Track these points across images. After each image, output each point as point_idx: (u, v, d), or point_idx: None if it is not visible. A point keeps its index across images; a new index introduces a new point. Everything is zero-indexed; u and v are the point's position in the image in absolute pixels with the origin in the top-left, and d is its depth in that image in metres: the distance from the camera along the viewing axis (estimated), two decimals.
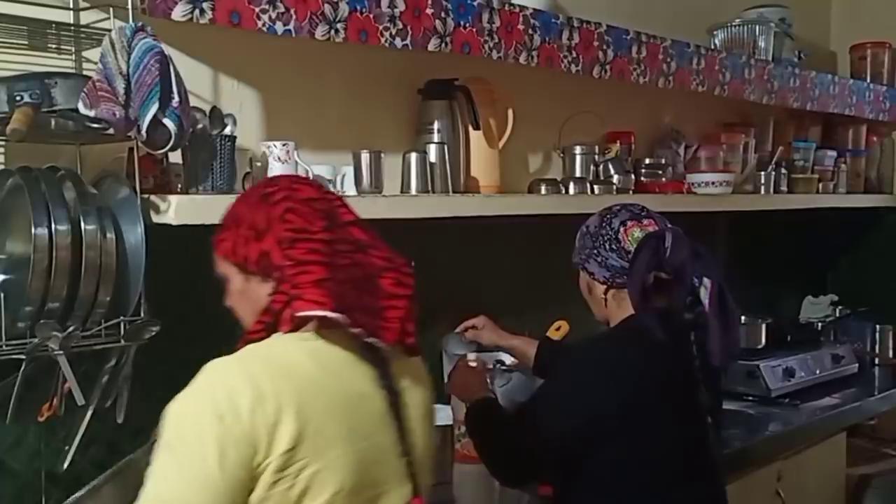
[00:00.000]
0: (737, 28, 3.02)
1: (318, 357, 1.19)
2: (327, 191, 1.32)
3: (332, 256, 1.20)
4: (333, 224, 1.24)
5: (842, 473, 2.87)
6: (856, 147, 3.56)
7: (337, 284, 1.18)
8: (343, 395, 1.19)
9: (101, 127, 1.44)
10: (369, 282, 1.23)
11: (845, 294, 3.59)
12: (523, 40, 2.14)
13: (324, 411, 1.15)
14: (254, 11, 1.65)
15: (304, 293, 1.17)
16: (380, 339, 1.21)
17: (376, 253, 1.26)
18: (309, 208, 1.23)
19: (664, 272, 1.63)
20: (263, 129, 1.97)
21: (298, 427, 1.11)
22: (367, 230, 1.28)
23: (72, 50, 1.68)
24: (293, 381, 1.14)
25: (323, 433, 1.14)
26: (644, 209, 1.74)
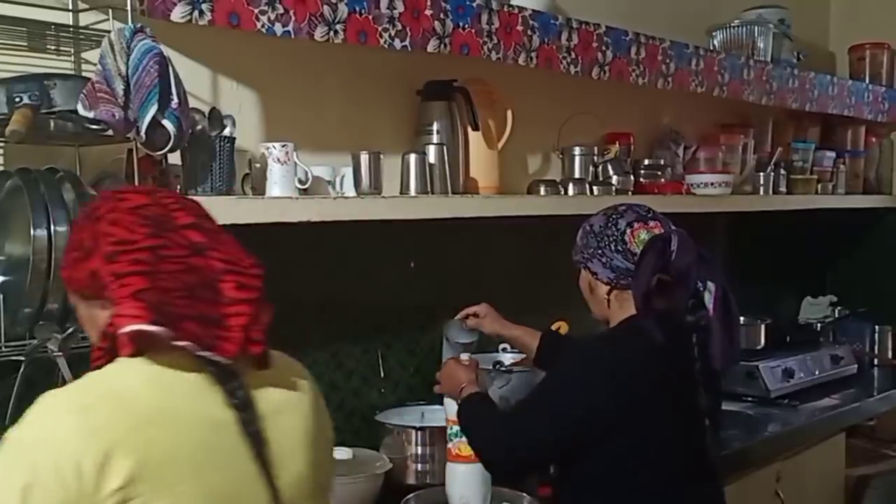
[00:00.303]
0: (736, 29, 3.02)
1: (161, 382, 1.08)
2: (163, 194, 1.20)
3: (157, 264, 1.09)
4: (162, 229, 1.12)
5: (841, 474, 2.86)
6: (855, 148, 3.57)
7: (159, 294, 1.07)
8: (192, 421, 1.07)
9: (100, 128, 1.44)
10: (207, 288, 1.11)
11: (844, 295, 3.59)
12: (522, 41, 2.14)
13: (168, 442, 1.04)
14: (253, 13, 1.65)
15: (121, 308, 1.07)
16: (217, 351, 1.07)
17: (216, 255, 1.13)
18: (134, 216, 1.13)
19: (668, 275, 1.62)
20: (263, 131, 1.97)
21: (134, 462, 1.01)
22: (209, 232, 1.15)
23: (71, 51, 1.68)
24: (129, 411, 1.04)
25: (167, 466, 1.03)
26: (650, 211, 1.73)
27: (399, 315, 2.32)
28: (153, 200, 1.16)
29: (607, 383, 1.59)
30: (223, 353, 1.08)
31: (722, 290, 1.62)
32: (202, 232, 1.14)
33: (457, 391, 1.82)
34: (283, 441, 1.15)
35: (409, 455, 2.03)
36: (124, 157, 1.64)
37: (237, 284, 1.12)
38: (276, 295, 2.16)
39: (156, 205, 1.15)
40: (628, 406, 1.59)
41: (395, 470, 1.99)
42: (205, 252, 1.12)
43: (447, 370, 1.91)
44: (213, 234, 1.16)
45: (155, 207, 1.14)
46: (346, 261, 2.18)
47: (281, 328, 2.15)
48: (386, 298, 2.29)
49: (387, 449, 2.05)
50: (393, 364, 2.32)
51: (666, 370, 1.63)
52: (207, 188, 1.65)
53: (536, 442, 1.64)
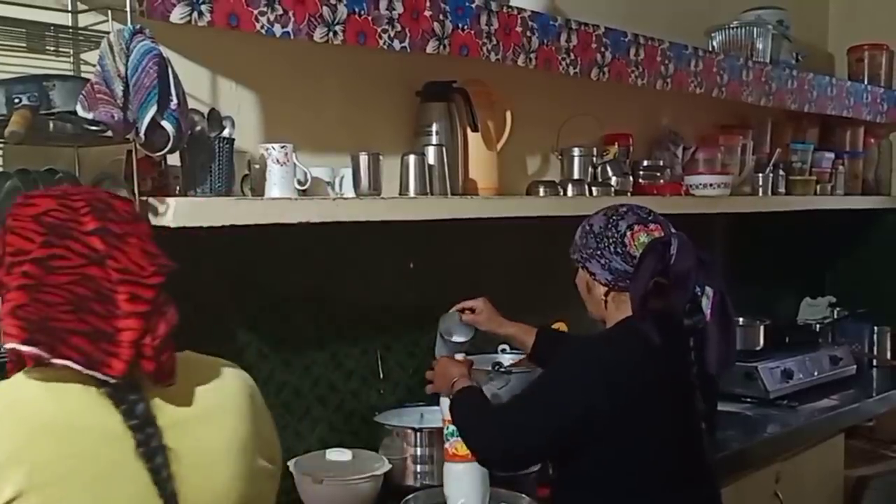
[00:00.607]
0: (735, 30, 3.02)
1: (56, 394, 1.05)
2: (79, 196, 1.14)
3: (46, 276, 1.06)
4: (61, 236, 1.08)
5: (840, 475, 2.87)
6: (853, 149, 3.57)
7: (42, 309, 1.04)
8: (87, 434, 1.04)
9: (99, 129, 1.44)
10: (102, 299, 1.06)
11: (843, 295, 3.59)
12: (521, 42, 2.14)
13: (61, 454, 1.02)
14: (252, 13, 1.65)
15: (3, 324, 1.05)
16: (103, 368, 1.04)
17: (114, 264, 1.08)
18: (34, 224, 1.10)
19: (666, 278, 1.62)
20: (262, 132, 1.97)
21: (25, 474, 0.99)
22: (114, 237, 1.11)
23: (70, 52, 1.68)
24: (22, 423, 1.03)
25: (60, 479, 1.01)
26: (651, 213, 1.72)
27: (398, 316, 2.32)
28: (61, 204, 1.12)
29: (604, 384, 1.60)
30: (110, 372, 1.04)
31: (720, 296, 1.62)
32: (105, 238, 1.10)
33: (449, 386, 1.82)
34: (199, 453, 1.11)
35: (408, 456, 2.03)
36: (123, 158, 1.64)
37: (130, 296, 1.07)
38: (276, 296, 2.17)
39: (63, 209, 1.11)
40: (624, 407, 1.59)
41: (395, 471, 1.99)
42: (103, 261, 1.08)
43: (439, 368, 1.92)
44: (119, 238, 1.11)
45: (60, 212, 1.11)
46: (345, 262, 2.18)
47: (280, 328, 2.17)
48: (385, 299, 2.29)
49: (386, 450, 2.05)
50: (392, 365, 2.32)
51: (662, 372, 1.63)
52: (207, 189, 1.65)
53: (531, 439, 1.64)
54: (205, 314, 1.80)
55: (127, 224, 1.14)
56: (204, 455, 1.13)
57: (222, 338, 1.96)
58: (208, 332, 1.80)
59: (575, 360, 1.68)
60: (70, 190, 1.18)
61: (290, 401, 2.09)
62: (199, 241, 1.62)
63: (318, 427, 2.15)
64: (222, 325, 1.97)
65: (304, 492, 1.89)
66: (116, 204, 1.17)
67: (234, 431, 1.17)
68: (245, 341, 2.01)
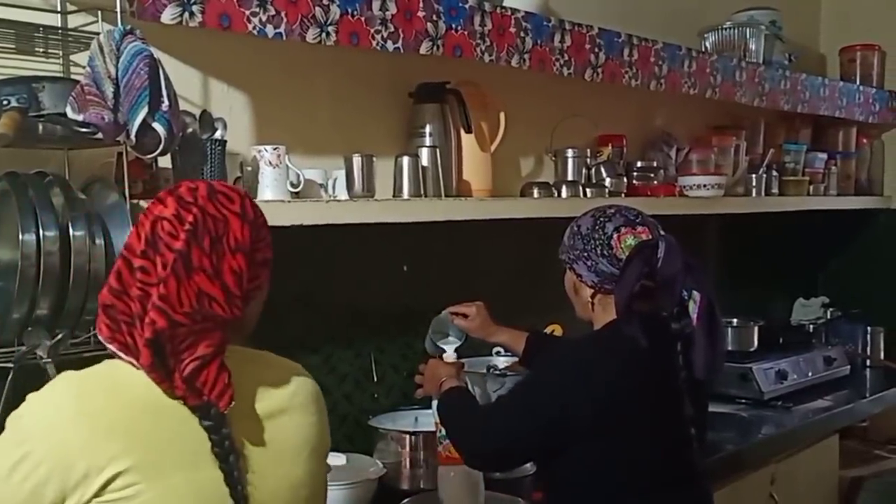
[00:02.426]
0: (727, 31, 3.02)
1: (151, 382, 1.12)
2: (192, 208, 1.16)
3: (130, 285, 1.15)
4: (154, 250, 1.14)
5: (835, 475, 2.87)
6: (846, 149, 3.58)
7: (118, 315, 1.15)
8: (178, 421, 1.11)
9: (89, 131, 1.42)
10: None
11: (836, 296, 3.60)
12: (515, 43, 2.13)
13: (156, 435, 1.09)
14: (244, 14, 1.64)
15: (98, 314, 1.16)
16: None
17: (162, 289, 1.13)
18: (149, 228, 1.16)
19: (653, 281, 1.61)
20: (254, 133, 1.95)
21: (124, 452, 1.06)
22: (182, 265, 1.13)
23: (59, 54, 1.66)
24: (124, 401, 1.10)
25: (154, 460, 1.08)
26: (639, 215, 1.71)
27: (392, 318, 2.31)
28: (175, 213, 1.14)
29: (583, 386, 1.58)
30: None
31: (707, 300, 1.60)
32: (175, 262, 1.12)
33: (437, 387, 1.82)
34: (275, 450, 1.16)
35: (402, 460, 2.02)
36: (114, 160, 1.62)
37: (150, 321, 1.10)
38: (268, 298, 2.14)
39: (173, 219, 1.14)
40: (605, 409, 1.58)
41: (389, 475, 1.98)
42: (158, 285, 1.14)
43: (428, 369, 1.92)
44: (190, 269, 1.12)
45: (169, 222, 1.14)
46: (338, 264, 2.17)
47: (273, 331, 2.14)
48: (379, 302, 2.27)
49: (380, 454, 2.04)
50: (386, 368, 2.31)
51: (648, 375, 1.62)
52: None
53: (512, 439, 1.64)
54: None
55: (214, 257, 1.13)
56: (281, 450, 1.18)
57: None
58: None
59: (555, 361, 1.68)
60: (201, 195, 1.16)
61: None
62: None
63: None
64: None
65: None
66: (234, 226, 1.16)
67: (307, 431, 1.22)
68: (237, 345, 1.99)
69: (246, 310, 1.19)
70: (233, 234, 1.15)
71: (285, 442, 1.19)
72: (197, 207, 1.14)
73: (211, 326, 1.12)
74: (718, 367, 1.66)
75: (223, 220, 1.15)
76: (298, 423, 1.21)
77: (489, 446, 1.67)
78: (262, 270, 1.22)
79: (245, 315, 1.19)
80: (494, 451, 1.67)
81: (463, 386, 1.82)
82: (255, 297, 1.23)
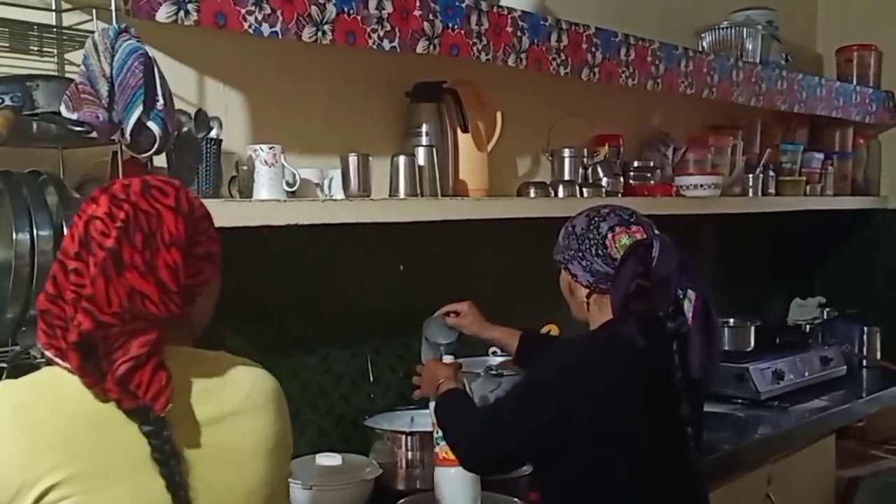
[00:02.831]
0: (724, 30, 3.02)
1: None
2: (124, 205, 1.13)
3: (64, 289, 1.11)
4: (87, 250, 1.11)
5: (831, 475, 2.86)
6: (843, 149, 3.58)
7: (54, 320, 1.11)
8: (122, 431, 1.07)
9: (84, 130, 1.41)
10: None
11: (833, 296, 3.59)
12: (512, 42, 2.13)
13: (99, 447, 1.06)
14: (239, 13, 1.63)
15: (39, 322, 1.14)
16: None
17: (89, 288, 1.10)
18: (82, 228, 1.13)
19: (648, 280, 1.61)
20: (249, 133, 1.95)
21: (64, 464, 1.03)
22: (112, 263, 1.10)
23: (54, 52, 1.65)
24: (66, 413, 1.07)
25: (96, 472, 1.04)
26: (633, 214, 1.71)
27: (388, 318, 2.30)
28: (107, 211, 1.11)
29: (580, 385, 1.58)
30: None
31: (702, 299, 1.59)
32: (105, 260, 1.08)
33: (434, 389, 1.81)
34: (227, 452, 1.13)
35: (399, 460, 2.01)
36: (108, 159, 1.61)
37: (77, 322, 1.07)
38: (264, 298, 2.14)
39: (105, 217, 1.11)
40: (602, 409, 1.57)
41: (386, 475, 1.97)
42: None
43: (426, 371, 1.92)
44: (119, 266, 1.09)
45: (101, 221, 1.11)
46: (334, 264, 2.16)
47: (269, 332, 2.14)
48: (375, 302, 2.27)
49: (377, 454, 2.03)
50: (382, 368, 2.30)
51: (645, 375, 1.61)
52: (194, 190, 1.62)
53: (508, 441, 1.63)
54: None
55: (146, 253, 1.11)
56: (232, 454, 1.13)
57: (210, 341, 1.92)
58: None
59: (552, 362, 1.68)
60: (133, 192, 1.13)
61: None
62: None
63: (307, 431, 2.13)
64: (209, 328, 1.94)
65: (294, 497, 1.87)
66: (167, 221, 1.13)
67: (263, 431, 1.17)
68: (233, 345, 1.97)
69: (189, 307, 1.15)
70: (167, 228, 1.12)
71: (239, 445, 1.14)
72: (129, 204, 1.12)
73: (145, 326, 1.08)
74: (714, 366, 1.65)
75: (156, 215, 1.12)
76: (253, 426, 1.16)
77: (486, 449, 1.66)
78: (203, 265, 1.18)
79: (191, 313, 1.17)
80: (492, 454, 1.66)
81: (460, 388, 1.81)
82: (200, 294, 1.19)
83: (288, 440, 1.23)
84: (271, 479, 1.17)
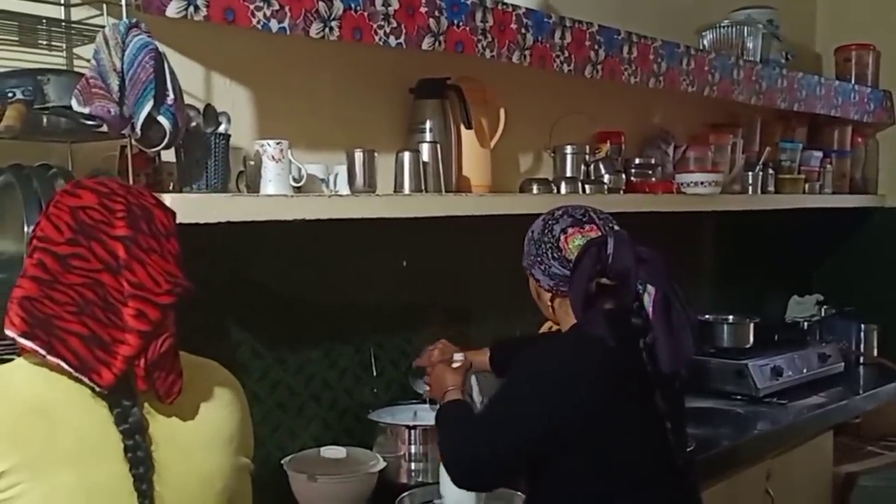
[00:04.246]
0: (725, 29, 3.04)
1: (52, 382, 1.10)
2: (117, 199, 1.16)
3: (62, 274, 1.10)
4: (87, 237, 1.11)
5: (829, 472, 2.89)
6: (841, 148, 3.59)
7: (49, 305, 1.08)
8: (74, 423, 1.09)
9: (95, 124, 1.42)
10: (108, 308, 1.10)
11: (831, 293, 3.62)
12: (516, 39, 2.14)
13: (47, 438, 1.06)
14: (248, 9, 1.64)
15: (8, 309, 1.10)
16: (92, 375, 1.08)
17: (129, 276, 1.11)
18: (69, 217, 1.13)
19: (607, 278, 1.59)
20: (256, 128, 1.95)
21: (11, 455, 1.04)
22: (139, 248, 1.13)
23: (63, 46, 1.66)
24: (12, 404, 1.08)
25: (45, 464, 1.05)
26: (587, 213, 1.68)
27: (391, 314, 2.31)
28: (100, 203, 1.14)
29: (558, 393, 1.55)
30: (98, 380, 1.08)
31: (661, 293, 1.56)
32: (130, 248, 1.12)
33: (441, 395, 1.82)
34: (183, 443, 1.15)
35: (402, 454, 2.03)
36: (117, 154, 1.62)
37: (136, 312, 1.10)
38: (269, 293, 2.15)
39: (100, 208, 1.14)
40: (583, 413, 1.54)
41: (389, 469, 1.98)
42: (119, 271, 1.11)
43: (435, 374, 1.91)
44: (144, 251, 1.13)
45: (97, 211, 1.13)
46: (339, 259, 2.17)
47: (274, 326, 2.15)
48: (378, 297, 2.28)
49: (380, 448, 2.05)
50: (385, 363, 2.31)
51: (619, 374, 1.57)
52: (202, 185, 1.63)
53: (496, 456, 1.59)
54: (198, 312, 1.79)
55: (156, 239, 1.16)
56: (189, 439, 1.17)
57: (216, 335, 1.95)
58: (202, 329, 1.80)
59: (527, 371, 1.62)
60: (117, 189, 1.18)
61: (284, 399, 2.08)
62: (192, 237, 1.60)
63: (311, 425, 2.14)
64: (216, 322, 1.96)
65: (298, 490, 1.89)
66: (157, 213, 1.19)
67: (218, 425, 1.21)
68: (239, 339, 2.00)
69: None
70: (159, 220, 1.18)
71: (197, 432, 1.17)
72: (121, 197, 1.16)
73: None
74: (682, 359, 1.59)
75: (148, 209, 1.18)
76: (212, 416, 1.20)
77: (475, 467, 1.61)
78: None
79: None
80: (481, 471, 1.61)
81: (461, 401, 1.79)
82: None
83: (245, 432, 1.26)
84: (229, 471, 1.20)
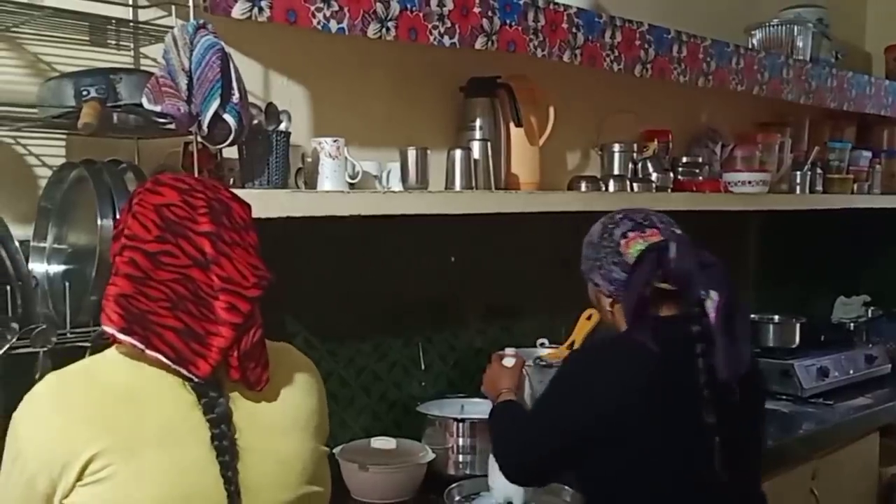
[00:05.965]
0: (775, 28, 3.03)
1: (138, 370, 1.14)
2: (200, 192, 1.20)
3: (153, 270, 1.13)
4: (174, 234, 1.15)
5: (874, 473, 2.87)
6: (891, 147, 3.56)
7: (143, 301, 1.12)
8: (161, 408, 1.13)
9: (165, 122, 1.47)
10: (199, 302, 1.13)
11: (878, 295, 3.58)
12: (567, 39, 2.16)
13: (134, 422, 1.11)
14: (309, 10, 1.68)
15: (104, 305, 1.13)
16: (189, 367, 1.12)
17: (218, 270, 1.14)
18: (154, 214, 1.16)
19: (668, 283, 1.57)
20: (312, 127, 2.00)
21: (100, 439, 1.08)
22: (224, 243, 1.17)
23: (130, 46, 1.72)
24: (99, 389, 1.12)
25: (133, 447, 1.09)
26: (647, 217, 1.66)
27: (439, 309, 2.35)
28: (183, 200, 1.18)
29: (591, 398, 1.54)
30: (196, 371, 1.12)
31: (724, 298, 1.53)
32: (216, 244, 1.16)
33: (496, 396, 1.85)
34: (264, 426, 1.19)
35: (450, 446, 2.06)
36: (181, 150, 1.68)
37: (228, 305, 1.14)
38: (323, 286, 2.20)
39: (183, 205, 1.17)
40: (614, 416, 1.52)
41: (437, 460, 2.02)
42: (208, 266, 1.15)
43: (490, 373, 1.94)
44: (229, 245, 1.17)
45: (180, 208, 1.17)
46: (389, 254, 2.21)
47: (327, 319, 2.19)
48: (427, 292, 2.31)
49: (429, 439, 2.08)
50: (433, 357, 2.35)
51: (658, 381, 1.53)
52: (264, 181, 1.68)
53: (538, 453, 1.62)
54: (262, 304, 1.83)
55: (238, 233, 1.20)
56: (268, 428, 1.20)
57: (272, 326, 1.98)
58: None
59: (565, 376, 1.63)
60: (195, 185, 1.21)
61: (335, 390, 2.13)
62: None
63: (362, 416, 2.19)
64: (272, 313, 1.99)
65: (350, 478, 1.93)
66: (234, 207, 1.22)
67: (297, 407, 1.25)
68: (293, 331, 2.05)
69: None
70: (237, 214, 1.21)
71: (274, 417, 1.21)
72: (200, 192, 1.19)
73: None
74: (740, 366, 1.54)
75: (225, 203, 1.21)
76: (289, 400, 1.24)
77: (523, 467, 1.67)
78: None
79: None
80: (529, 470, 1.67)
81: (513, 401, 1.81)
82: None
83: (323, 416, 1.31)
84: (307, 454, 1.24)
